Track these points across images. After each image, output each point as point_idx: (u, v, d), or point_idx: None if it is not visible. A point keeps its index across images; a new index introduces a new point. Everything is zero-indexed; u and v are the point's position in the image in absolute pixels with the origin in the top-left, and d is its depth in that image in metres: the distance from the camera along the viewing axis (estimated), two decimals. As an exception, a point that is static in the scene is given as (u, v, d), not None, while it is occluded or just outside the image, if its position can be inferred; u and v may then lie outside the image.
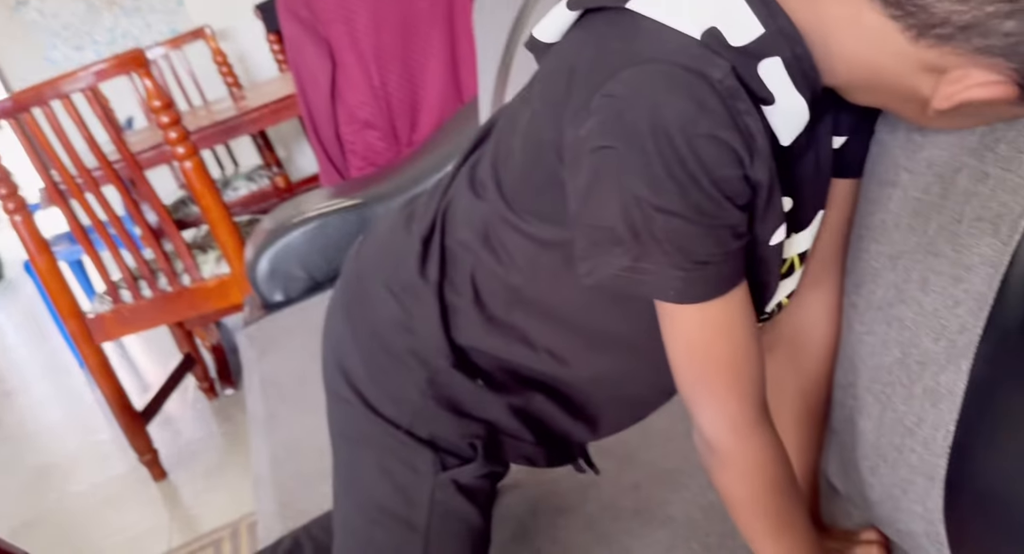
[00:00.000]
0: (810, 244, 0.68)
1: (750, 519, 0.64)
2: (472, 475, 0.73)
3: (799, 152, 0.59)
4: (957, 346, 0.57)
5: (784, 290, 0.68)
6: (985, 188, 0.56)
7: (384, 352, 0.73)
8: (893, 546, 0.75)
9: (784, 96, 0.54)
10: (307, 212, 1.81)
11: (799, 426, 0.75)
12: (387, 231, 0.78)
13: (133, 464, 2.46)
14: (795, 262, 0.68)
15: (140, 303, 2.25)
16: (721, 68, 0.51)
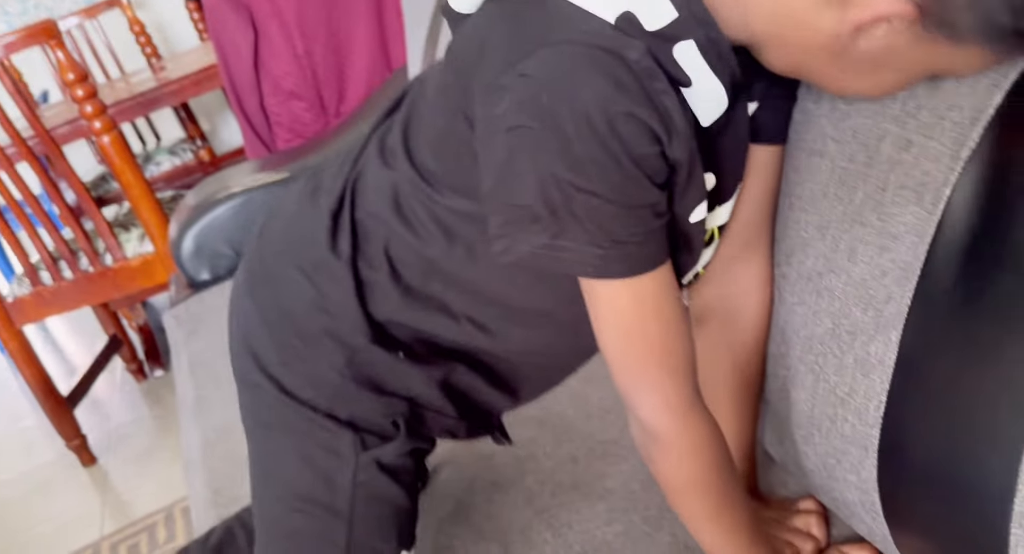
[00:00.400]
0: (728, 216, 0.68)
1: (692, 502, 0.64)
2: (395, 453, 0.71)
3: (719, 130, 0.59)
4: (884, 316, 0.57)
5: (702, 261, 0.68)
6: (908, 156, 0.56)
7: (297, 335, 0.71)
8: (830, 514, 0.75)
9: (701, 79, 0.55)
10: (233, 187, 1.75)
11: (735, 399, 0.75)
12: (292, 207, 0.74)
13: (61, 450, 2.39)
14: (715, 233, 0.67)
15: (61, 285, 2.17)
16: (637, 49, 0.51)
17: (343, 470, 0.71)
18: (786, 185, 0.70)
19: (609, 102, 0.51)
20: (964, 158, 0.52)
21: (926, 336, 0.54)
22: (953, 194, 0.52)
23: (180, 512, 1.97)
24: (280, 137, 2.47)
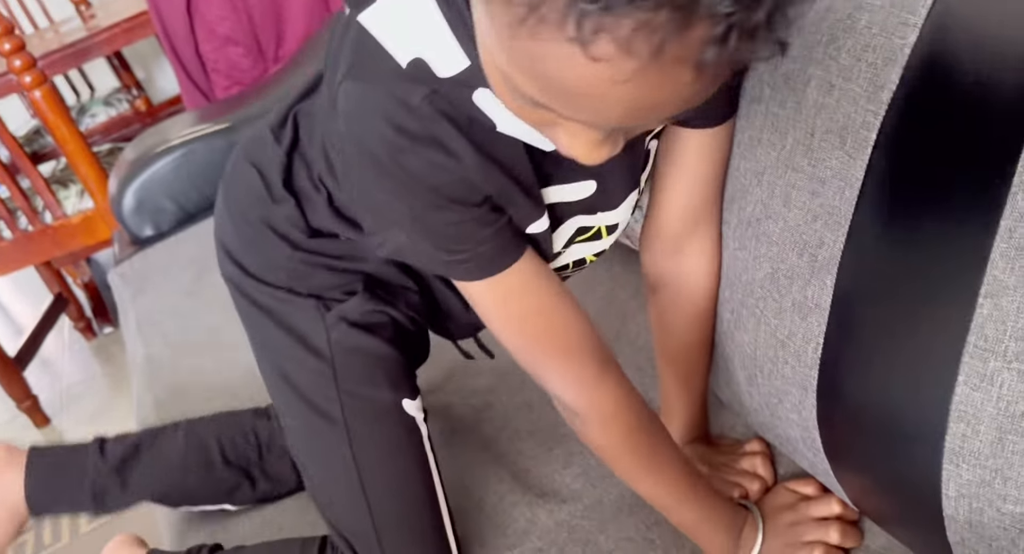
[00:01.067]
0: (622, 218, 0.70)
1: (623, 463, 0.68)
2: (360, 310, 0.75)
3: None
4: (819, 260, 0.58)
5: (591, 250, 0.71)
6: (831, 99, 0.56)
7: (248, 223, 0.77)
8: (775, 451, 0.78)
9: (505, 120, 0.56)
10: (172, 139, 1.71)
11: (687, 357, 0.78)
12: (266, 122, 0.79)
13: (13, 412, 2.36)
14: (602, 231, 0.70)
15: (1, 245, 2.12)
16: (419, 95, 0.54)
17: (317, 332, 0.76)
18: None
19: (390, 145, 0.55)
20: (885, 101, 0.52)
21: (859, 280, 0.55)
22: (879, 137, 0.53)
23: (138, 469, 1.97)
24: (218, 85, 2.42)
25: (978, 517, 0.49)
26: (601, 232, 0.70)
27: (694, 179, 0.70)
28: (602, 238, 0.71)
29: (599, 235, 0.70)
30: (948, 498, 0.50)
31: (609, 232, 0.71)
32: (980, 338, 0.46)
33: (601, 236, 0.71)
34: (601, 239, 0.71)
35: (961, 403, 0.48)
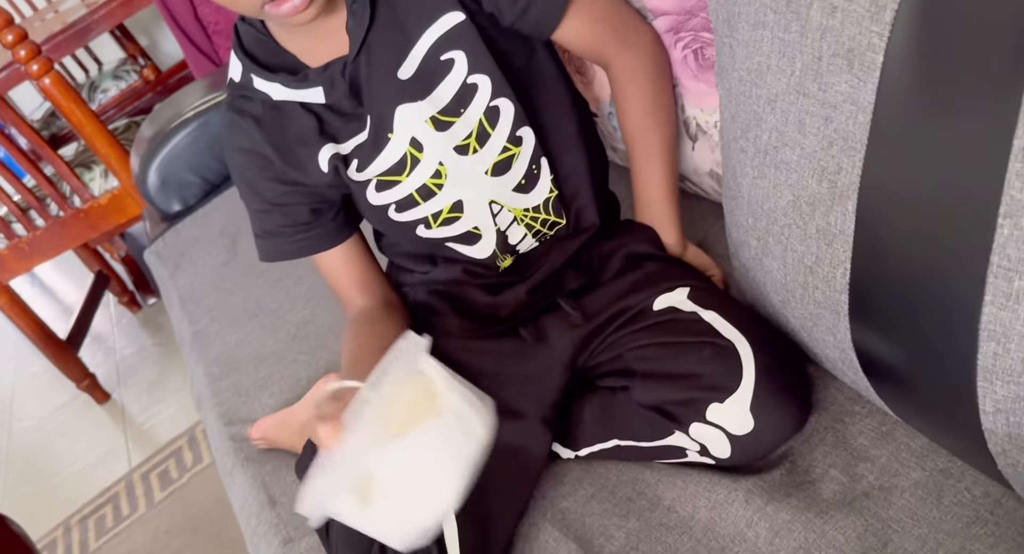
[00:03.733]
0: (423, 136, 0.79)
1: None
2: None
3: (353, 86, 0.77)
4: (838, 186, 0.58)
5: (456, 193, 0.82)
6: (835, 22, 0.55)
7: None
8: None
9: (275, 90, 0.79)
10: (185, 112, 1.72)
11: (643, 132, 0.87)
12: None
13: (73, 392, 2.44)
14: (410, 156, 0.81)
15: (36, 234, 2.15)
16: (225, 100, 0.83)
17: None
18: (734, 59, 0.69)
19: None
20: (888, 21, 0.51)
21: (879, 205, 0.55)
22: (886, 59, 0.52)
23: (201, 434, 2.03)
24: (222, 46, 2.40)
25: (1016, 430, 0.50)
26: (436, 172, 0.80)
27: (586, 43, 0.83)
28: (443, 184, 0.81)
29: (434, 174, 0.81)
30: (986, 413, 0.51)
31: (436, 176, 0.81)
32: (1003, 258, 0.47)
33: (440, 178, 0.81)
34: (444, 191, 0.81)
35: (990, 323, 0.48)
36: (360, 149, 0.80)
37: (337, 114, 0.78)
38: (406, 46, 0.76)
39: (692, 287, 0.79)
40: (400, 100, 0.77)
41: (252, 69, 0.79)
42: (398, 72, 0.77)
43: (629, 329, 0.78)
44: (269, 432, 1.01)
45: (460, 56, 0.77)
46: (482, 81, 0.77)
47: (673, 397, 0.72)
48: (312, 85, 0.77)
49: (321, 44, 0.77)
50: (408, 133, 0.78)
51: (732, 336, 0.71)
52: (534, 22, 0.79)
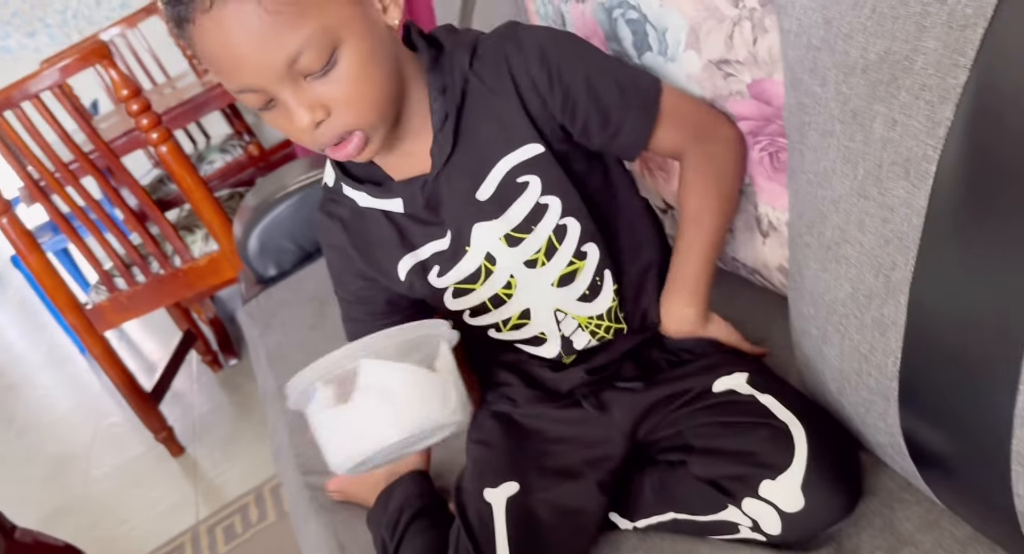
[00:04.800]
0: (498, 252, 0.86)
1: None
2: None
3: (428, 202, 0.85)
4: (892, 281, 0.63)
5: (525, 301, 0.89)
6: (895, 134, 0.62)
7: None
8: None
9: (361, 198, 0.87)
10: (289, 186, 1.85)
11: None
12: None
13: (150, 443, 2.54)
14: (485, 267, 0.87)
15: (136, 289, 2.30)
16: (319, 203, 0.92)
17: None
18: (803, 163, 0.76)
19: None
20: (942, 136, 0.58)
21: (929, 299, 0.60)
22: (938, 169, 0.58)
23: (269, 492, 2.10)
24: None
25: (1046, 511, 0.54)
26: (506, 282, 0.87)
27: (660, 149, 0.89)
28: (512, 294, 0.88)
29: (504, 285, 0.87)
30: (1019, 497, 0.55)
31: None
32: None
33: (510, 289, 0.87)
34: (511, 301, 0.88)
35: (1022, 410, 0.53)
36: (439, 257, 0.87)
37: (416, 222, 0.86)
38: (484, 170, 0.83)
39: (751, 372, 0.84)
40: (477, 219, 0.84)
41: (342, 178, 0.88)
42: (476, 193, 0.84)
43: (689, 408, 0.83)
44: (344, 484, 1.07)
45: (535, 180, 0.84)
46: (553, 202, 0.84)
47: (728, 472, 0.76)
48: (393, 196, 0.85)
49: (404, 161, 0.85)
50: (484, 248, 0.85)
51: (786, 418, 0.76)
52: (622, 145, 0.86)
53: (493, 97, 0.82)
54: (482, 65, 0.82)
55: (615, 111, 0.83)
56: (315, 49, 0.70)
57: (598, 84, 0.82)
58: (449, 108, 0.81)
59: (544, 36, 0.83)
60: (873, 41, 0.65)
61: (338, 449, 0.76)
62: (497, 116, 0.82)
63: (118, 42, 3.51)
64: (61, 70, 2.00)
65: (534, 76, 0.81)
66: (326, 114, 0.73)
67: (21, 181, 2.22)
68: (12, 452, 3.05)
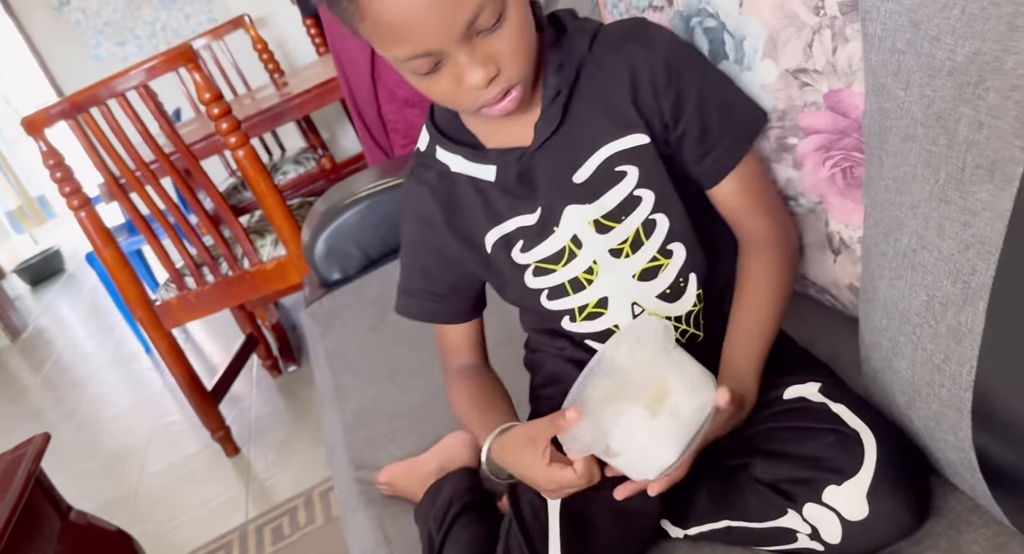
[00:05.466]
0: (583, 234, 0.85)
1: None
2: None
3: (521, 175, 0.85)
4: (972, 287, 0.61)
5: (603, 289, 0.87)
6: (981, 136, 0.60)
7: None
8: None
9: (454, 162, 0.87)
10: (358, 193, 1.88)
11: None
12: None
13: (206, 442, 2.58)
14: (568, 251, 0.86)
15: (204, 288, 2.34)
16: (408, 168, 0.92)
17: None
18: (882, 169, 0.75)
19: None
20: (1035, 137, 0.56)
21: (1010, 304, 0.58)
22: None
23: (318, 496, 2.11)
24: (396, 143, 2.60)
25: None
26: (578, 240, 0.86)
27: (724, 209, 0.88)
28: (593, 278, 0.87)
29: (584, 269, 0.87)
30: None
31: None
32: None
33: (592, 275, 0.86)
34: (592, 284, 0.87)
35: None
36: (524, 231, 0.87)
37: (504, 193, 0.86)
38: (585, 154, 0.84)
39: (824, 382, 0.82)
40: (570, 201, 0.84)
41: (438, 140, 0.88)
42: (573, 175, 0.84)
43: (757, 414, 0.81)
44: (395, 478, 1.07)
45: (633, 170, 0.84)
46: (646, 195, 0.84)
47: (792, 476, 0.74)
48: (488, 163, 0.86)
49: (502, 130, 0.85)
50: (572, 230, 0.85)
51: (857, 426, 0.74)
52: (704, 172, 0.86)
53: (605, 84, 0.83)
54: (601, 51, 0.83)
55: (714, 130, 0.84)
56: (492, 5, 0.71)
57: (709, 100, 0.84)
58: (562, 85, 0.82)
59: (672, 38, 0.84)
60: (962, 42, 0.64)
61: (655, 462, 0.74)
62: (606, 102, 0.83)
63: (203, 53, 3.62)
64: (147, 71, 2.07)
65: (655, 72, 0.82)
66: (496, 70, 0.74)
67: (102, 178, 2.29)
68: (72, 443, 3.12)
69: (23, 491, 1.40)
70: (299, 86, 2.84)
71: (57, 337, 4.67)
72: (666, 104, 0.83)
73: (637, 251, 0.86)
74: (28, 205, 7.58)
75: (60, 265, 6.23)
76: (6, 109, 7.83)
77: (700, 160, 0.85)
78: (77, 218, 2.24)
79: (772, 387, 0.82)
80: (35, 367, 4.32)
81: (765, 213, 0.88)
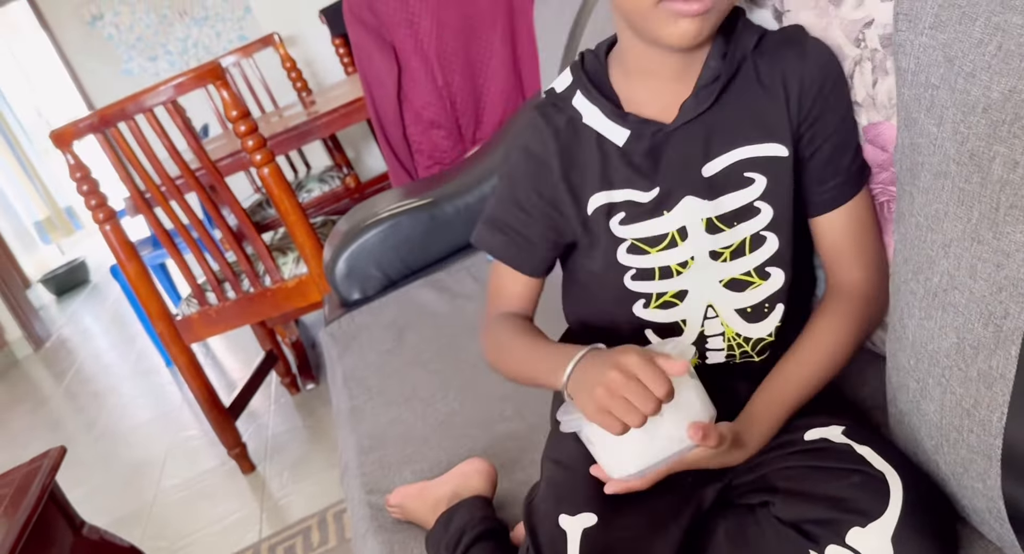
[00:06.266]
0: (684, 222, 0.84)
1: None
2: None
3: (648, 151, 0.84)
4: (1004, 331, 0.60)
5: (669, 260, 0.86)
6: (1015, 176, 0.59)
7: None
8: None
9: (589, 114, 0.86)
10: (380, 213, 1.87)
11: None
12: None
13: (222, 458, 2.58)
14: (675, 237, 0.84)
15: (225, 304, 2.35)
16: (535, 103, 0.91)
17: None
18: (913, 206, 0.73)
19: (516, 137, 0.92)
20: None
21: (1045, 349, 0.57)
22: (1069, 214, 0.55)
23: (332, 517, 2.09)
24: (421, 164, 2.60)
25: None
26: (675, 238, 0.84)
27: (824, 245, 0.86)
28: (686, 242, 0.84)
29: (674, 242, 0.84)
30: None
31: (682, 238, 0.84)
32: None
33: (678, 242, 0.84)
34: (685, 242, 0.84)
35: None
36: (632, 206, 0.85)
37: (626, 162, 0.84)
38: (722, 148, 0.82)
39: (847, 425, 0.79)
40: (691, 191, 0.83)
41: (581, 85, 0.86)
42: (703, 168, 0.82)
43: (777, 453, 0.79)
44: (406, 500, 1.05)
45: (761, 180, 0.82)
46: (765, 209, 0.83)
47: (815, 516, 0.72)
48: (624, 126, 0.84)
49: (647, 98, 0.84)
50: (682, 221, 0.84)
51: (883, 468, 0.72)
52: (819, 197, 0.84)
53: (759, 88, 0.82)
54: (761, 55, 0.82)
55: (842, 158, 0.83)
56: None
57: (847, 129, 0.83)
58: (723, 72, 0.81)
59: (830, 53, 0.83)
60: (997, 79, 0.62)
61: (630, 458, 0.76)
62: (755, 106, 0.82)
63: (233, 70, 3.65)
64: (176, 87, 2.08)
65: (807, 83, 0.81)
66: None
67: (128, 192, 2.31)
68: (89, 456, 3.12)
69: (36, 505, 1.40)
70: (326, 105, 2.86)
71: (80, 347, 4.70)
72: (808, 119, 0.82)
73: (736, 260, 0.84)
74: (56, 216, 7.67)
75: (85, 276, 6.29)
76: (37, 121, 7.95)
77: (820, 184, 0.84)
78: (102, 231, 2.25)
79: (792, 427, 0.80)
80: (57, 377, 4.34)
81: (863, 264, 0.86)
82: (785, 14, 0.90)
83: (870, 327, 0.86)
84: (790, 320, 0.87)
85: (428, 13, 2.35)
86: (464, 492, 0.99)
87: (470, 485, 1.01)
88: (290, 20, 4.20)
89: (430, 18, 2.35)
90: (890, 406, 0.82)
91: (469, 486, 1.01)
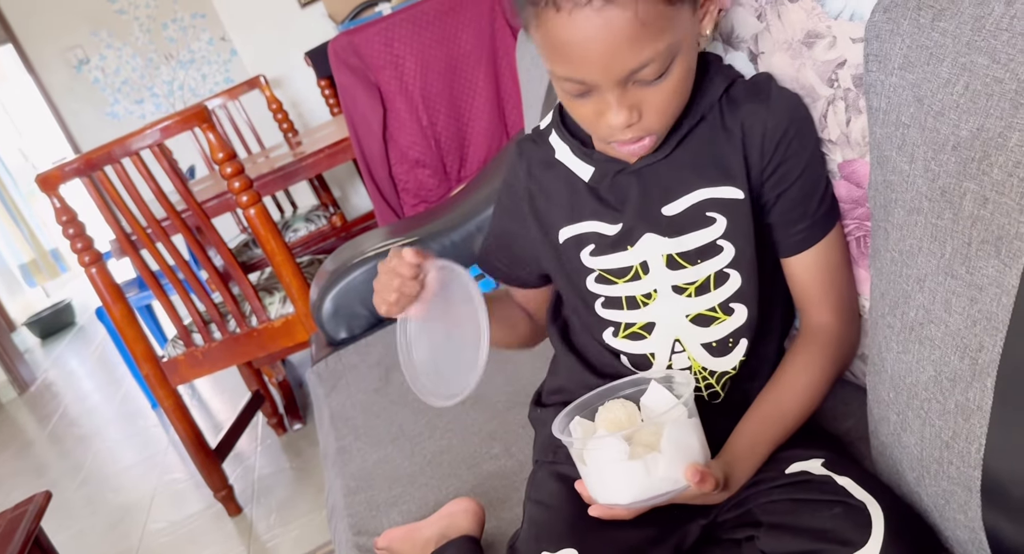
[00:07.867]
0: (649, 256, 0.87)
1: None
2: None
3: (612, 187, 0.88)
4: (979, 364, 0.61)
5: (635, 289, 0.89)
6: (986, 211, 0.60)
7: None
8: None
9: (561, 151, 0.91)
10: (367, 252, 1.88)
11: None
12: None
13: (209, 501, 2.55)
14: (638, 270, 0.88)
15: (211, 345, 2.34)
16: (519, 138, 0.98)
17: None
18: (888, 241, 0.74)
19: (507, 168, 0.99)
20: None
21: (1018, 382, 0.58)
22: (1036, 249, 0.56)
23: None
24: (407, 203, 2.62)
25: None
26: (638, 272, 0.87)
27: (795, 285, 0.89)
28: (649, 275, 0.87)
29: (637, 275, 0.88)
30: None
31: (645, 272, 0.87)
32: None
33: (641, 274, 0.87)
34: (649, 275, 0.87)
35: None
36: (599, 237, 0.89)
37: (593, 196, 0.89)
38: (682, 190, 0.85)
39: (827, 457, 0.80)
40: (652, 229, 0.86)
41: (557, 125, 0.92)
42: (664, 207, 0.85)
43: (760, 488, 0.80)
44: (394, 542, 1.05)
45: (722, 220, 0.84)
46: (728, 247, 0.85)
47: (799, 548, 0.72)
48: (589, 163, 0.88)
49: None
50: (644, 255, 0.87)
51: (864, 498, 0.72)
52: (788, 239, 0.87)
53: (723, 133, 0.84)
54: (728, 102, 0.85)
55: (810, 202, 0.86)
56: (660, 62, 0.74)
57: (810, 175, 0.85)
58: (687, 124, 0.84)
59: (796, 102, 0.86)
60: (965, 118, 0.64)
61: (624, 489, 0.77)
62: (715, 150, 0.84)
63: (219, 112, 3.67)
64: (162, 130, 2.10)
65: (770, 130, 0.83)
66: (638, 118, 0.77)
67: (114, 235, 2.31)
68: (75, 500, 3.09)
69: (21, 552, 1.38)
70: (312, 146, 2.88)
71: (65, 391, 4.66)
72: (772, 165, 0.84)
73: (701, 296, 0.86)
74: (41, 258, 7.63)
75: (71, 318, 6.25)
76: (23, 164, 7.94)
77: (788, 226, 0.86)
78: (88, 274, 2.25)
79: (774, 461, 0.81)
80: (42, 421, 4.30)
81: (831, 306, 0.88)
82: (760, 56, 0.92)
83: (842, 366, 0.89)
84: (754, 354, 0.89)
85: (412, 54, 2.38)
86: (452, 532, 0.99)
87: (458, 525, 1.01)
88: (276, 62, 4.24)
89: (414, 59, 2.38)
90: (872, 438, 0.83)
91: (457, 526, 1.00)
